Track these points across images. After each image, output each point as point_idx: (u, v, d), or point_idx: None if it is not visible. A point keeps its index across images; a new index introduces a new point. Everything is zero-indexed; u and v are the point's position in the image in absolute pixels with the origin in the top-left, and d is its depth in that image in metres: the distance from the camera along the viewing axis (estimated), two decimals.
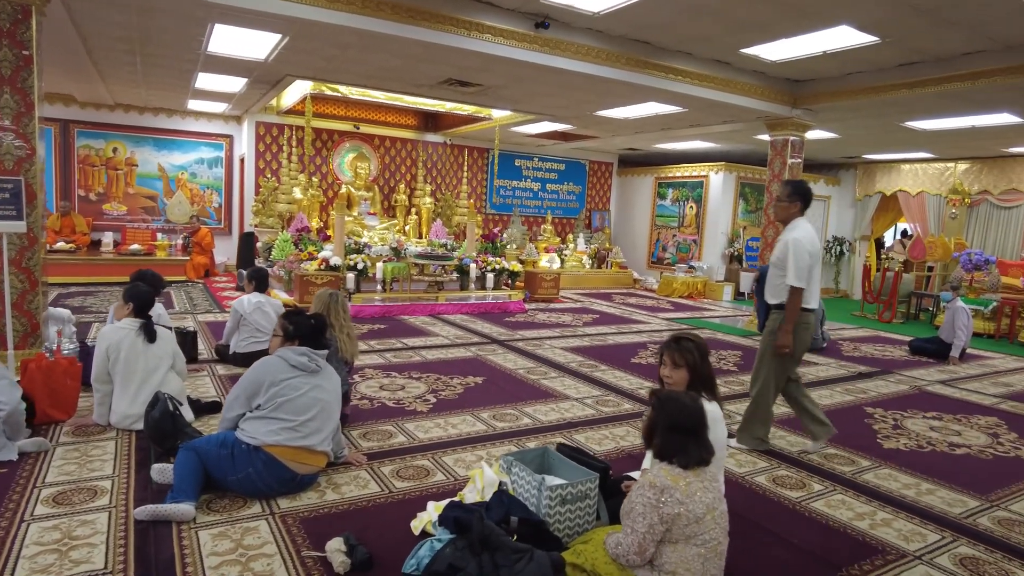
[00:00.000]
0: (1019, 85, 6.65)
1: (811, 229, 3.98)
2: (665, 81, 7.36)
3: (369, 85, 8.48)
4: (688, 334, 2.92)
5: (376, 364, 5.83)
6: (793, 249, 3.83)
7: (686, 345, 2.84)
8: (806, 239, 3.87)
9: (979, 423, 4.99)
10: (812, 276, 3.89)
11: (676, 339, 2.88)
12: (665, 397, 2.39)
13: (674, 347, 2.85)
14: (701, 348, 2.86)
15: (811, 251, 3.86)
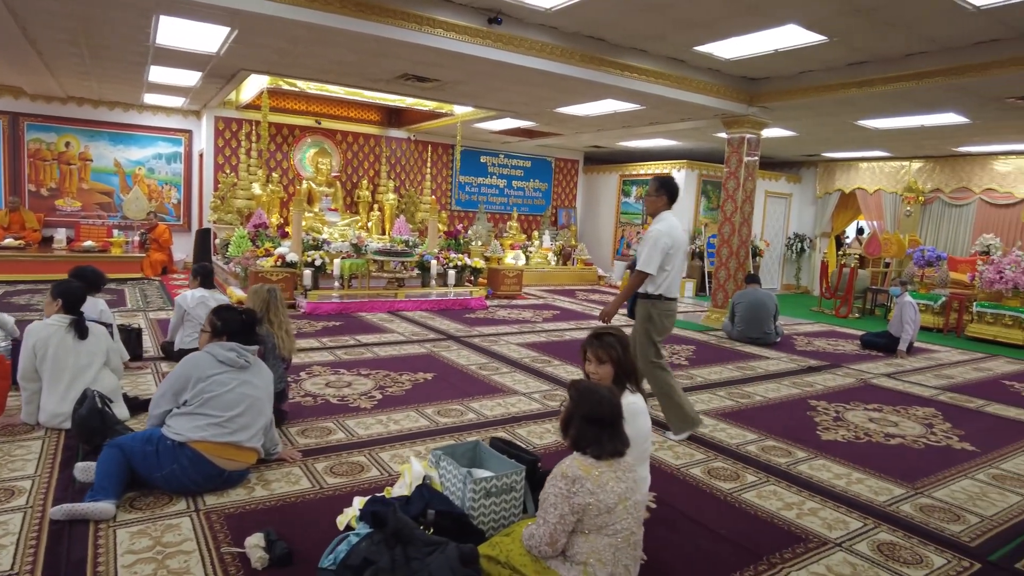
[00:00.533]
0: (960, 86, 6.81)
1: (676, 223, 4.21)
2: (621, 79, 7.40)
3: (326, 79, 8.39)
4: (609, 329, 2.93)
5: (325, 361, 5.77)
6: (653, 239, 4.06)
7: (608, 340, 2.85)
8: (667, 231, 4.09)
9: (916, 414, 5.11)
10: (674, 267, 4.13)
11: (597, 335, 2.89)
12: (584, 388, 2.40)
13: (597, 343, 2.86)
14: (623, 341, 2.88)
15: (671, 243, 4.07)
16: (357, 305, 8.50)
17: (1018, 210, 11.19)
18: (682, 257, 4.20)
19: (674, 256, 4.10)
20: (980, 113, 8.17)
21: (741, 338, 7.79)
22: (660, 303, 4.14)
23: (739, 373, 6.19)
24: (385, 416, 4.36)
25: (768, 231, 14.23)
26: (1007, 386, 6.32)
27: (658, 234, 4.06)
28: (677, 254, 4.12)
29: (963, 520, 3.24)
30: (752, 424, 4.60)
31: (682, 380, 5.79)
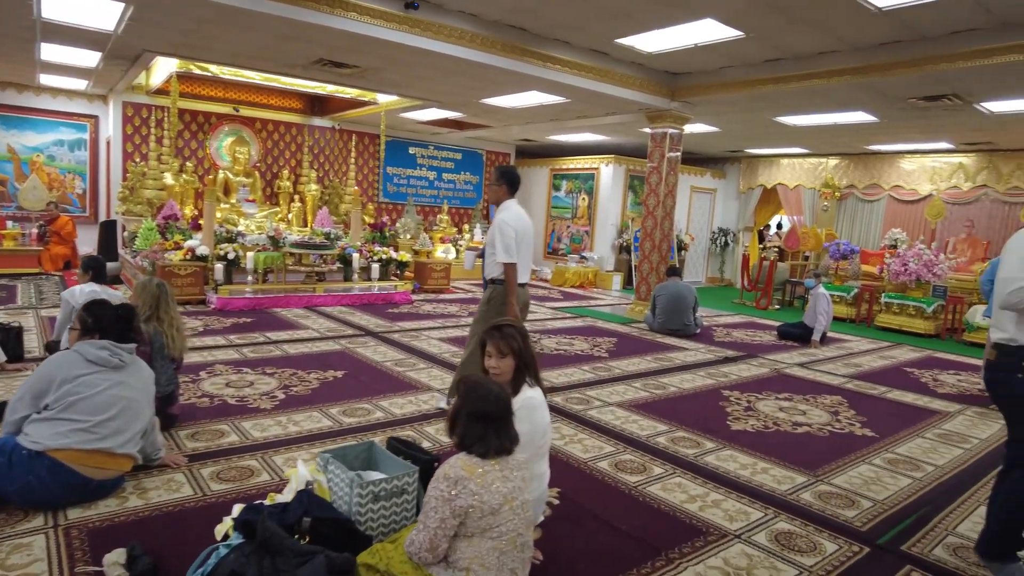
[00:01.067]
0: (867, 85, 7.05)
1: (519, 211, 4.26)
2: (544, 70, 7.32)
3: (238, 64, 7.98)
4: (509, 321, 2.83)
5: (229, 360, 5.47)
6: (499, 229, 4.11)
7: (509, 332, 2.74)
8: (512, 219, 4.13)
9: (824, 402, 5.24)
10: (520, 253, 4.15)
11: (497, 327, 2.78)
12: (471, 384, 2.28)
13: (497, 335, 2.74)
14: (523, 332, 2.78)
15: (516, 230, 4.11)
16: (272, 300, 8.15)
17: (922, 206, 11.76)
18: (528, 243, 4.25)
19: (520, 243, 4.15)
20: (887, 113, 8.50)
21: (662, 330, 7.88)
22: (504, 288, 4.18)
23: (657, 364, 6.23)
24: (285, 417, 4.14)
25: (693, 225, 14.52)
26: (908, 373, 6.59)
27: (502, 223, 4.12)
28: (522, 240, 4.17)
29: (857, 505, 3.30)
30: (665, 415, 4.60)
31: (600, 372, 5.77)
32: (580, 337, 7.39)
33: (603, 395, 5.04)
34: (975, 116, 8.31)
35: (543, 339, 7.12)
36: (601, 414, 4.54)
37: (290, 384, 4.85)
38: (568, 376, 5.58)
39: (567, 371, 5.76)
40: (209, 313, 7.55)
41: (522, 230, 4.19)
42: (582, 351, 6.64)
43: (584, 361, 6.19)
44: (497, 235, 4.14)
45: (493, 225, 4.22)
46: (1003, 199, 10.80)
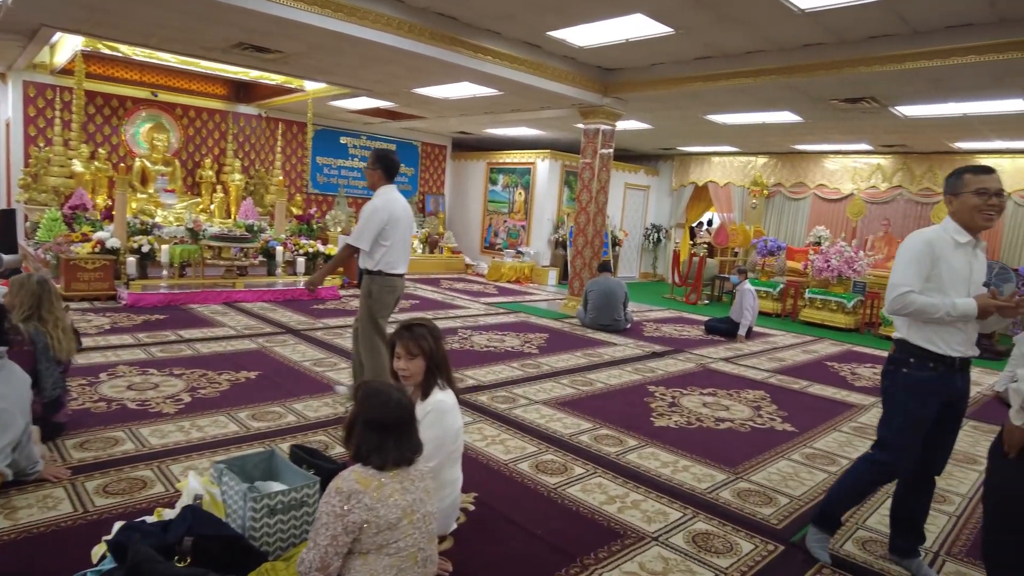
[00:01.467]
0: (791, 85, 7.20)
1: (395, 196, 4.15)
2: (476, 61, 7.16)
3: (151, 46, 7.49)
4: (420, 319, 2.68)
5: (135, 360, 5.11)
6: (368, 214, 4.03)
7: (419, 331, 2.60)
8: (384, 206, 4.04)
9: (747, 397, 5.31)
10: (394, 241, 4.08)
11: (407, 326, 2.63)
12: (369, 390, 2.12)
13: (407, 335, 2.60)
14: (434, 332, 2.64)
15: (388, 217, 4.02)
16: (188, 296, 7.72)
17: (844, 205, 12.21)
18: (404, 231, 4.15)
19: (393, 231, 4.06)
20: (811, 113, 8.74)
21: (593, 325, 7.87)
22: (380, 278, 4.11)
23: (586, 360, 6.20)
24: (189, 422, 3.87)
25: (627, 222, 14.66)
26: (828, 367, 6.79)
27: (373, 209, 4.03)
28: (396, 228, 4.07)
29: (774, 502, 3.31)
30: (590, 413, 4.55)
31: (529, 369, 5.69)
32: (512, 333, 7.29)
33: (530, 393, 4.96)
34: (891, 119, 8.64)
35: (474, 336, 6.99)
36: (526, 413, 4.45)
37: (198, 386, 4.56)
38: (496, 374, 5.47)
39: (496, 368, 5.65)
40: (119, 310, 7.09)
41: (397, 217, 4.08)
42: (513, 347, 6.55)
43: (514, 358, 6.10)
44: (363, 219, 4.05)
45: (363, 209, 4.11)
46: (916, 199, 11.32)
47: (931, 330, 2.50)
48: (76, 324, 5.76)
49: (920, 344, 2.53)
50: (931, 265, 2.49)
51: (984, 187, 2.43)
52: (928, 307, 2.44)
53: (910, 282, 2.48)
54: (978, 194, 2.44)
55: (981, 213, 2.44)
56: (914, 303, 2.46)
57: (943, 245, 2.50)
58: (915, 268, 2.50)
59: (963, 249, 2.51)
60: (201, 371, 4.94)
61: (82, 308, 7.03)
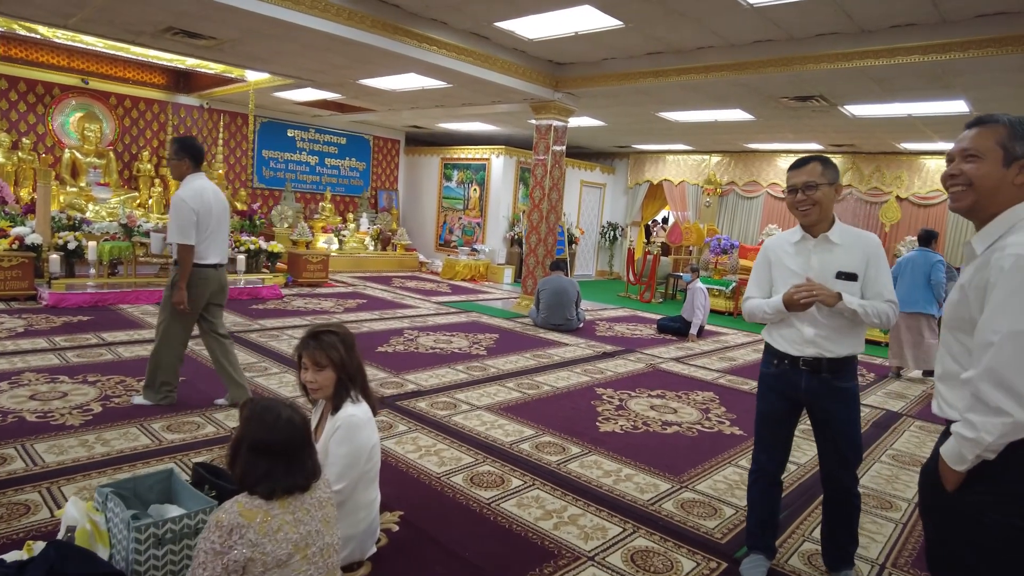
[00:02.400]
0: (742, 83, 7.14)
1: (203, 186, 3.97)
2: (421, 51, 6.90)
3: (71, 27, 7.00)
4: (330, 326, 2.44)
5: (45, 367, 4.72)
6: (176, 207, 3.85)
7: (328, 340, 2.36)
8: (192, 196, 3.86)
9: (696, 399, 5.19)
10: (211, 232, 3.94)
11: (315, 334, 2.39)
12: (256, 409, 1.88)
13: (313, 345, 2.35)
14: (346, 340, 2.40)
15: (198, 208, 3.86)
16: (118, 296, 7.28)
17: None
18: (218, 220, 4.00)
19: (205, 220, 3.90)
20: (762, 111, 8.73)
21: (545, 324, 7.71)
22: (195, 270, 3.94)
23: (535, 362, 6.01)
24: (95, 435, 3.54)
25: (584, 219, 14.57)
26: None
27: (180, 201, 3.84)
28: (209, 217, 3.92)
29: (719, 514, 3.17)
30: (533, 418, 4.36)
31: (475, 372, 5.47)
32: (461, 334, 7.07)
33: (473, 398, 4.74)
34: (840, 118, 8.69)
35: (420, 337, 6.74)
36: (467, 420, 4.23)
37: (112, 394, 4.22)
38: (439, 378, 5.24)
39: (439, 372, 5.42)
40: (38, 311, 6.62)
41: (209, 207, 3.91)
42: (460, 349, 6.32)
43: (460, 360, 5.88)
44: (173, 214, 3.85)
45: (172, 203, 3.90)
46: (865, 198, 11.48)
47: (772, 327, 2.55)
48: None
49: (767, 340, 2.58)
50: (767, 269, 2.57)
51: (790, 184, 2.44)
52: (755, 309, 2.55)
53: (751, 289, 2.63)
54: (789, 192, 2.45)
55: (797, 209, 2.43)
56: (748, 308, 2.60)
57: (778, 248, 2.54)
58: (755, 275, 2.63)
59: (801, 246, 2.48)
60: (119, 377, 4.59)
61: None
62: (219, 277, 4.08)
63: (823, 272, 2.40)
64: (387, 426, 4.00)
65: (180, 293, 3.88)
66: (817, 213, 2.38)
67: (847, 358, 2.42)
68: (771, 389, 2.57)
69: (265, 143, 12.62)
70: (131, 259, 7.80)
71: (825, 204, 2.37)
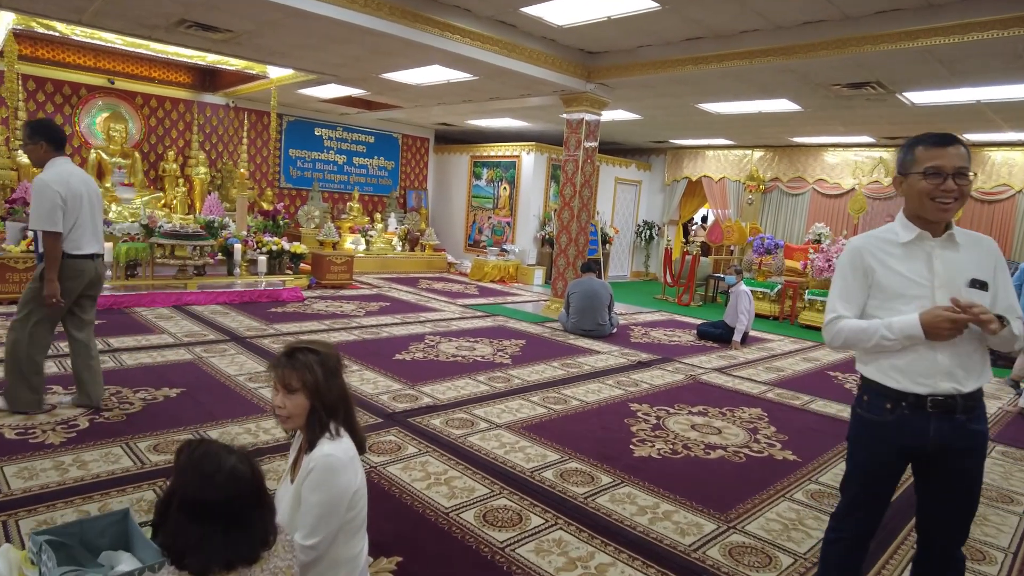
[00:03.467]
0: (789, 68, 6.57)
1: (68, 170, 3.68)
2: (443, 40, 6.51)
3: (85, 22, 6.80)
4: (312, 344, 2.04)
5: None
6: (35, 191, 3.55)
7: (302, 360, 1.95)
8: (55, 180, 3.56)
9: (743, 416, 4.68)
10: (81, 219, 3.67)
11: (289, 352, 1.99)
12: (188, 457, 1.49)
13: (285, 364, 1.96)
14: (327, 362, 1.99)
15: (64, 192, 3.56)
16: (134, 299, 7.06)
17: (845, 200, 11.60)
18: (89, 206, 3.71)
19: (74, 207, 3.61)
20: (810, 101, 8.11)
21: (575, 330, 7.24)
22: (64, 261, 3.64)
23: (563, 372, 5.56)
24: (73, 456, 3.22)
25: (618, 218, 14.03)
26: (832, 377, 6.17)
27: (42, 184, 3.53)
28: (79, 204, 3.63)
29: (774, 564, 2.68)
30: (559, 439, 3.91)
31: (497, 383, 5.04)
32: (485, 339, 6.65)
33: (493, 414, 4.32)
34: (897, 107, 8.01)
35: (442, 343, 6.34)
36: (484, 441, 3.81)
37: (105, 407, 3.91)
38: (458, 390, 4.83)
39: (459, 383, 5.01)
40: None
41: (77, 193, 3.62)
42: (483, 357, 5.91)
43: (482, 369, 5.46)
44: (33, 198, 3.56)
45: (31, 188, 3.63)
46: None
47: (884, 359, 1.90)
48: None
49: (873, 377, 1.94)
50: (863, 277, 1.94)
51: (937, 166, 1.81)
52: (858, 334, 1.91)
53: (835, 306, 1.98)
54: (928, 176, 1.82)
55: (933, 202, 1.83)
56: (841, 332, 1.95)
57: (877, 250, 1.94)
58: (840, 286, 2.00)
59: (916, 247, 1.89)
60: (116, 388, 4.29)
61: (8, 312, 6.35)
62: (96, 268, 3.86)
63: (951, 281, 1.85)
64: (395, 448, 3.60)
65: (51, 285, 3.57)
66: (957, 209, 1.84)
67: (979, 392, 1.88)
68: (881, 441, 1.92)
69: (292, 142, 12.41)
70: (149, 261, 7.58)
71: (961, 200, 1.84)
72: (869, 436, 1.96)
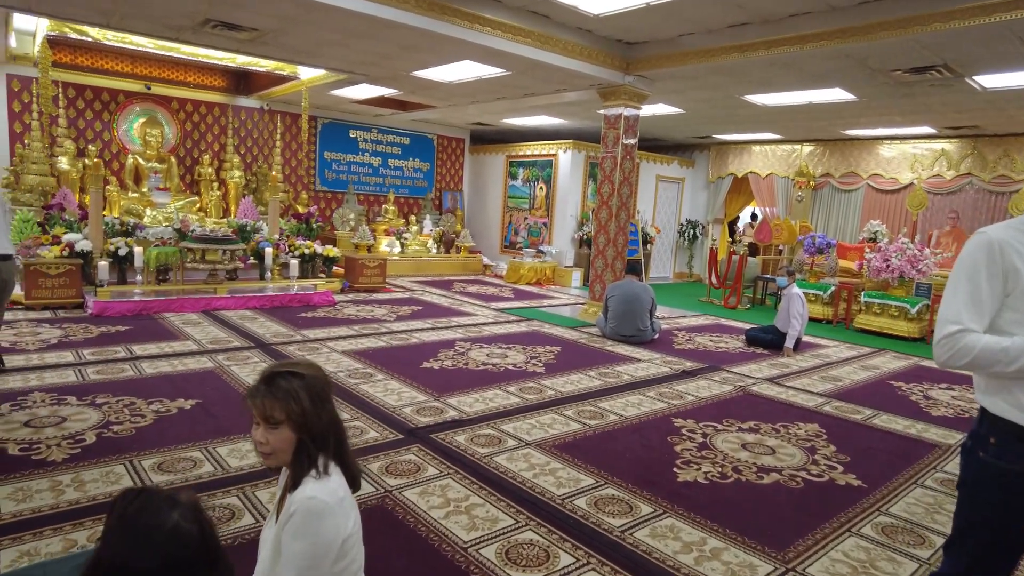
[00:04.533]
0: (845, 53, 6.07)
1: None
2: (473, 33, 6.22)
3: (112, 25, 6.72)
4: (296, 366, 1.75)
5: (58, 385, 4.32)
6: None
7: (284, 386, 1.67)
8: None
9: (798, 433, 4.25)
10: None
11: (269, 377, 1.71)
12: (122, 512, 1.20)
13: (264, 392, 1.68)
14: (314, 387, 1.71)
15: None
16: (163, 304, 6.97)
17: (902, 196, 10.92)
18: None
19: None
20: (866, 89, 7.56)
21: (614, 336, 6.86)
22: None
23: (600, 382, 5.20)
24: (72, 475, 3.03)
25: (660, 217, 13.55)
26: (895, 388, 5.65)
27: None
28: None
29: None
30: (595, 460, 3.57)
31: (529, 395, 4.72)
32: (519, 346, 6.34)
33: (523, 430, 4.00)
34: (964, 93, 7.39)
35: (472, 350, 6.05)
36: (511, 462, 3.49)
37: (115, 420, 3.74)
38: (487, 402, 4.52)
39: (488, 394, 4.70)
40: (81, 320, 6.37)
41: None
42: (515, 365, 5.59)
43: (514, 379, 5.15)
44: None
45: None
46: (989, 188, 9.95)
47: (1021, 389, 1.50)
48: (20, 336, 5.07)
49: (1006, 415, 1.54)
50: (1004, 282, 1.54)
51: None
52: (995, 354, 1.49)
53: (960, 315, 1.55)
54: None
55: None
56: (970, 349, 1.52)
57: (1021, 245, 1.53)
58: (968, 291, 1.56)
59: None
60: (130, 399, 4.12)
61: (41, 318, 6.33)
62: (8, 269, 3.84)
63: None
64: (414, 469, 3.31)
65: None
66: None
67: None
68: (1018, 494, 1.54)
69: (327, 145, 12.33)
70: (179, 265, 7.51)
71: None
72: (998, 486, 1.56)
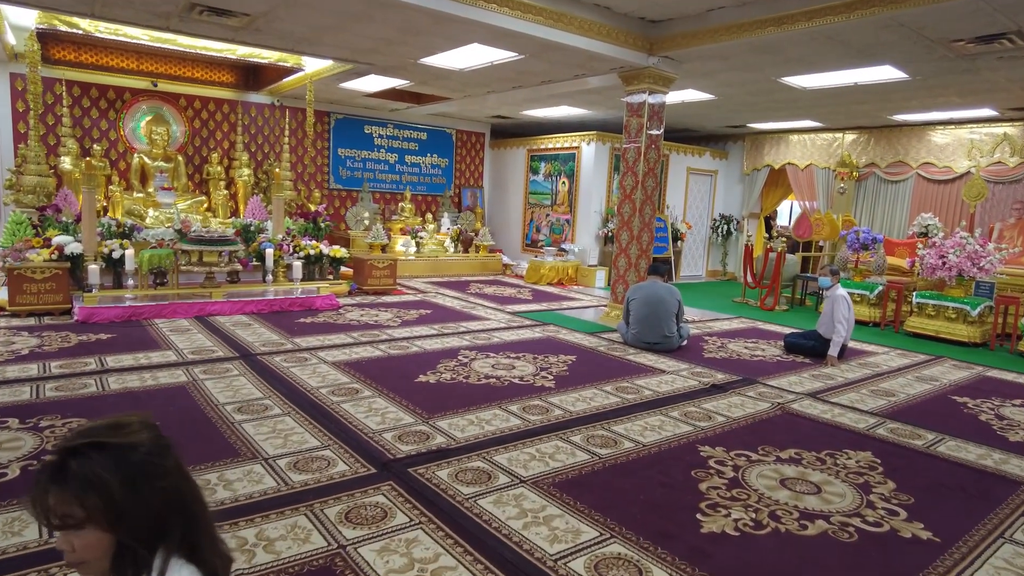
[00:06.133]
0: (897, 21, 5.34)
1: None
2: (480, 11, 5.66)
3: (96, 14, 6.32)
4: (98, 434, 1.16)
5: (7, 404, 3.88)
6: None
7: (83, 473, 1.09)
8: None
9: (848, 464, 3.59)
10: None
11: (59, 464, 1.12)
12: None
13: (53, 487, 1.11)
14: (127, 460, 1.13)
15: None
16: (154, 310, 6.57)
17: (957, 186, 10.02)
18: None
19: None
20: (921, 66, 6.78)
21: (637, 343, 6.23)
22: None
23: (616, 399, 4.59)
24: None
25: (691, 212, 12.81)
26: (959, 405, 4.92)
27: None
28: None
29: None
30: (601, 502, 2.97)
31: (533, 415, 4.13)
32: (529, 355, 5.76)
33: (519, 462, 3.41)
34: None
35: (476, 360, 5.49)
36: (498, 506, 2.91)
37: (52, 448, 3.26)
38: (482, 425, 3.95)
39: (485, 415, 4.13)
40: (64, 327, 5.99)
41: None
42: (521, 378, 5.01)
43: (518, 395, 4.57)
44: None
45: None
46: None
47: None
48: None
49: None
50: None
51: None
52: None
53: None
54: None
55: None
56: None
57: None
58: None
59: None
60: (80, 420, 3.66)
61: (22, 326, 5.97)
62: None
63: None
64: (380, 516, 2.76)
65: None
66: None
67: None
68: None
69: (341, 141, 11.90)
70: (173, 268, 7.11)
71: None
72: None
